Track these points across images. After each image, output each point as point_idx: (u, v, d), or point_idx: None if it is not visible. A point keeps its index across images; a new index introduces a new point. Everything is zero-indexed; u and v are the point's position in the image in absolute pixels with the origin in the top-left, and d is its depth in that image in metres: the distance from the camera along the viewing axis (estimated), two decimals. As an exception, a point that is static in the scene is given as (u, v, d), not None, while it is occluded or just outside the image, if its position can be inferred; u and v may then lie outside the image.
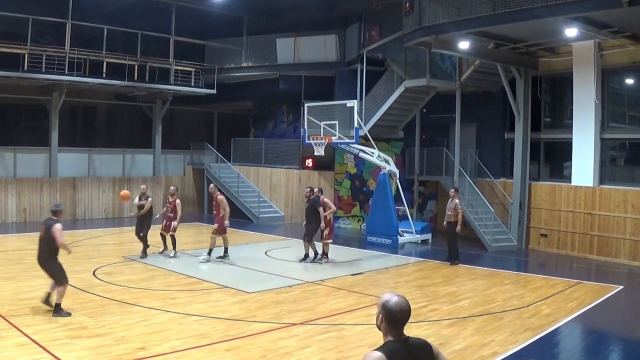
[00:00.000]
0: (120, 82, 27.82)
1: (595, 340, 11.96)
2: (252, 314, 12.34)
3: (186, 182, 34.02)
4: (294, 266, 18.25)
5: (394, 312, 4.22)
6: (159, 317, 11.83)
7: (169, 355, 9.54)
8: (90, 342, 9.98)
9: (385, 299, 4.28)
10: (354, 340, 10.70)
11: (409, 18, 21.35)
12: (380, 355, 4.06)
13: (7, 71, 24.54)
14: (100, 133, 33.79)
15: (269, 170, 31.32)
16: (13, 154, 27.53)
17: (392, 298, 4.27)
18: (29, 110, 30.02)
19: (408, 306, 4.26)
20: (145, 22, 28.88)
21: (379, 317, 4.28)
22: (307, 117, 23.24)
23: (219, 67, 31.11)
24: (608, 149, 21.59)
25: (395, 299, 4.26)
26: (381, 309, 4.26)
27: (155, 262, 17.92)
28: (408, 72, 25.40)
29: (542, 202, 22.83)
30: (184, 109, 35.26)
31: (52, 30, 27.86)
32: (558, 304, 14.00)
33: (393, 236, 22.76)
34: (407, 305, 4.26)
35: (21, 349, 9.48)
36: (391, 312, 4.22)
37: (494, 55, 21.89)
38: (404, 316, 4.24)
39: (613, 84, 21.66)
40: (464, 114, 24.04)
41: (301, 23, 31.28)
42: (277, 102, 34.17)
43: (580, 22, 17.60)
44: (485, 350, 10.26)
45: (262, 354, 9.81)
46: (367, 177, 28.28)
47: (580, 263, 20.28)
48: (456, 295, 14.72)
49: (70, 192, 28.37)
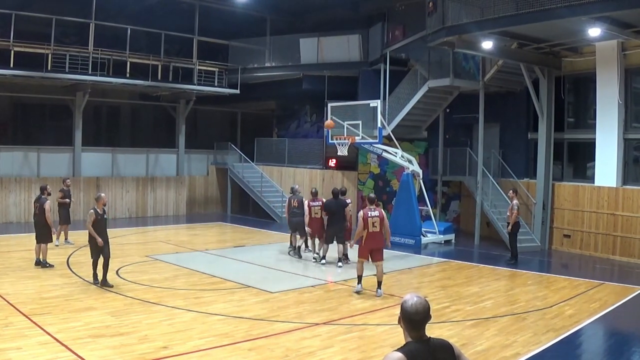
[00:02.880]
0: (143, 82, 27.96)
1: (618, 341, 11.90)
2: (275, 313, 12.38)
3: (210, 182, 34.13)
4: (316, 266, 18.26)
5: (409, 314, 4.25)
6: (182, 316, 11.91)
7: (192, 355, 9.60)
8: (114, 341, 10.06)
9: (404, 300, 4.31)
10: (377, 341, 10.71)
11: (433, 18, 21.28)
12: (400, 356, 4.08)
13: (31, 71, 24.76)
14: (123, 133, 33.99)
15: (292, 170, 31.33)
16: (37, 154, 27.78)
17: (411, 299, 4.29)
18: (52, 110, 30.29)
19: (425, 308, 4.26)
20: (169, 22, 28.98)
21: (399, 317, 4.32)
22: (331, 117, 23.26)
23: (242, 67, 31.15)
24: (631, 149, 21.43)
25: (413, 300, 4.28)
26: (400, 309, 4.30)
27: (179, 262, 18.00)
28: (431, 72, 25.35)
29: (565, 202, 22.71)
30: (208, 109, 35.37)
31: (75, 30, 28.08)
32: (581, 305, 13.93)
33: (416, 236, 22.72)
34: (423, 307, 4.26)
35: (44, 347, 9.58)
36: (407, 313, 4.26)
37: (517, 55, 21.81)
38: (419, 318, 4.24)
39: (636, 84, 21.48)
40: (487, 114, 23.94)
41: (325, 23, 31.24)
42: (300, 102, 34.22)
43: (603, 22, 17.50)
44: (507, 351, 10.23)
45: (285, 353, 9.84)
46: (390, 177, 28.25)
47: (603, 264, 20.16)
48: (479, 296, 14.68)
49: (94, 191, 28.47)
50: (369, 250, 14.29)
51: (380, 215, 14.36)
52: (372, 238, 14.26)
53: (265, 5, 30.43)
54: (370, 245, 14.27)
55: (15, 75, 24.62)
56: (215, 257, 19.22)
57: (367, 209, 14.41)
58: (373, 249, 14.31)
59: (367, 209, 14.41)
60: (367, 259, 14.39)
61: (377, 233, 14.28)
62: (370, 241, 14.26)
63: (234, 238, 23.88)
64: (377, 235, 14.32)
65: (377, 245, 14.35)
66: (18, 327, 10.54)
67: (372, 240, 14.28)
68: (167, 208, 31.50)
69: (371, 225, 14.19)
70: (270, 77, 32.18)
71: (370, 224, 14.18)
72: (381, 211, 14.59)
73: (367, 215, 14.20)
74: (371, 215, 14.23)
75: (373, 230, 14.22)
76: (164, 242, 22.21)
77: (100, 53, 26.29)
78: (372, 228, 14.20)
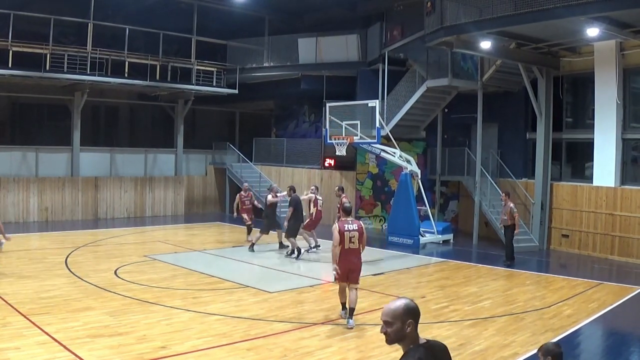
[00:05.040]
0: (142, 82, 27.97)
1: (617, 341, 11.92)
2: (273, 313, 12.38)
3: (208, 182, 34.14)
4: (315, 266, 18.28)
5: (417, 310, 4.25)
6: (181, 316, 11.92)
7: (190, 354, 9.61)
8: (112, 340, 10.07)
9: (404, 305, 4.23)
10: (375, 341, 10.69)
11: (431, 18, 21.28)
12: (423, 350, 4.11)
13: (29, 71, 24.76)
14: (122, 133, 34.00)
15: (290, 170, 31.34)
16: (35, 154, 27.80)
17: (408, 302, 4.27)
18: (51, 109, 30.30)
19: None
20: (167, 22, 28.99)
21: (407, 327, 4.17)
22: (329, 116, 23.32)
23: (240, 67, 31.16)
24: (629, 149, 21.44)
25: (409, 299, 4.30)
26: (407, 316, 4.18)
27: (177, 262, 18.00)
28: (430, 72, 25.33)
29: (563, 202, 22.73)
30: (206, 109, 35.38)
31: (74, 30, 28.09)
32: (579, 305, 13.95)
33: (414, 236, 22.75)
34: None
35: (43, 347, 9.59)
36: (417, 311, 4.25)
37: (516, 55, 21.82)
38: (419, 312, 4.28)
39: (635, 84, 21.49)
40: (485, 114, 23.96)
41: (323, 23, 31.27)
42: (298, 102, 34.22)
43: (601, 22, 17.52)
44: (506, 351, 10.24)
45: (283, 353, 9.86)
46: (388, 177, 28.24)
47: (601, 264, 20.17)
48: (478, 296, 14.69)
49: (92, 191, 28.55)
50: (347, 271, 11.83)
51: (359, 229, 11.94)
52: (348, 256, 11.81)
53: (264, 5, 30.41)
54: (347, 264, 11.81)
55: (13, 75, 24.63)
56: (213, 257, 19.23)
57: (343, 222, 12.01)
58: (350, 269, 11.86)
59: (343, 222, 12.01)
60: (346, 281, 11.96)
61: (355, 250, 11.89)
62: (346, 260, 11.80)
63: (233, 238, 23.85)
64: (355, 254, 11.91)
65: (355, 266, 11.92)
66: (16, 327, 10.54)
67: (349, 258, 11.83)
68: (165, 208, 31.49)
69: (348, 241, 11.75)
70: (269, 77, 32.17)
71: (347, 239, 11.75)
72: (360, 224, 12.10)
73: (343, 229, 11.75)
74: (348, 229, 11.81)
75: (350, 246, 11.78)
76: (162, 242, 22.21)
77: (99, 53, 26.28)
78: (349, 244, 11.76)
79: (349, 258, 11.79)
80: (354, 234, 11.78)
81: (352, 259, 11.83)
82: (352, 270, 11.85)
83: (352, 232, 11.76)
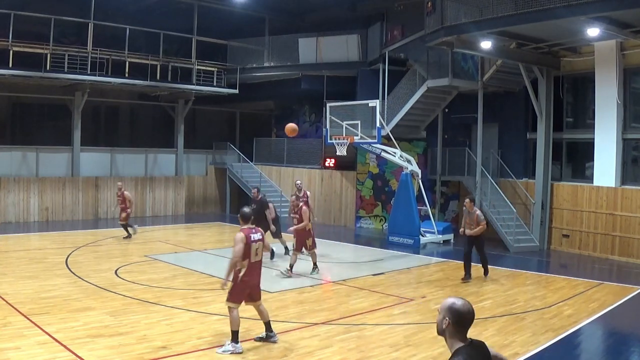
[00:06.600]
0: (142, 82, 27.99)
1: (617, 341, 11.91)
2: (273, 313, 12.32)
3: (208, 182, 34.14)
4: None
5: (462, 314, 4.28)
6: (181, 316, 11.92)
7: (191, 354, 9.61)
8: (112, 340, 10.07)
9: (451, 302, 4.33)
10: (376, 341, 10.68)
11: (431, 18, 21.28)
12: None
13: (30, 71, 24.77)
14: (122, 133, 34.02)
15: (291, 170, 31.37)
16: (35, 154, 27.81)
17: (457, 301, 4.34)
18: (51, 109, 30.27)
19: (473, 308, 4.35)
20: (168, 22, 29.02)
21: (445, 322, 4.30)
22: (329, 116, 23.32)
23: (241, 67, 31.17)
24: (630, 150, 21.44)
25: (461, 301, 4.34)
26: (447, 312, 4.29)
27: (177, 262, 18.00)
28: (430, 72, 25.34)
29: (564, 202, 22.73)
30: (206, 109, 35.37)
31: (74, 30, 28.11)
32: (579, 305, 13.94)
33: (415, 236, 22.75)
34: (471, 306, 4.35)
35: (43, 347, 9.58)
36: (459, 314, 4.28)
37: (516, 55, 21.81)
38: (470, 317, 4.32)
39: (635, 83, 21.48)
40: (486, 113, 23.95)
41: (323, 23, 31.30)
42: (299, 102, 34.26)
43: (602, 22, 17.53)
44: (506, 350, 10.22)
45: (284, 353, 9.86)
46: (389, 177, 28.23)
47: (601, 264, 20.17)
48: (478, 296, 14.67)
49: (93, 191, 28.56)
50: (250, 289, 10.21)
51: (263, 238, 10.37)
52: (254, 270, 10.22)
53: (264, 5, 30.45)
54: (252, 280, 10.23)
55: (14, 75, 24.66)
56: (213, 257, 19.20)
57: (248, 230, 10.21)
58: (254, 286, 10.31)
59: (248, 230, 10.21)
60: (248, 301, 10.30)
61: (259, 263, 10.30)
62: (251, 276, 10.18)
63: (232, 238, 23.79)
64: (259, 267, 10.35)
65: (258, 280, 10.39)
66: (17, 327, 10.54)
67: (254, 273, 10.26)
68: (165, 208, 31.51)
69: (254, 254, 10.09)
70: (269, 77, 32.20)
71: (253, 251, 10.07)
72: (262, 232, 10.50)
73: (250, 239, 10.04)
74: (254, 239, 10.13)
75: (256, 260, 10.19)
76: (162, 242, 22.21)
77: (99, 53, 26.30)
78: (254, 257, 10.12)
79: (254, 273, 10.25)
80: (259, 245, 10.18)
81: (257, 273, 10.30)
82: (256, 286, 10.34)
83: (258, 243, 10.15)
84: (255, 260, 10.11)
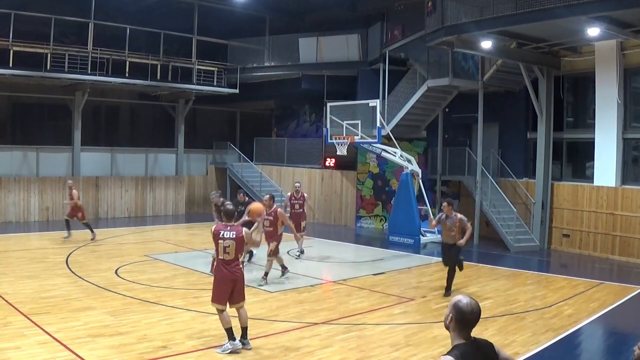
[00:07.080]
0: (143, 81, 27.97)
1: (617, 341, 11.91)
2: (273, 313, 12.38)
3: (209, 182, 34.14)
4: (316, 265, 18.28)
5: (464, 312, 4.31)
6: (181, 315, 11.92)
7: (191, 354, 9.62)
8: (112, 340, 10.07)
9: (457, 299, 4.38)
10: (376, 340, 10.69)
11: (432, 17, 21.28)
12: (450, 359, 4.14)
13: (30, 71, 24.78)
14: (122, 132, 34.02)
15: (291, 170, 31.36)
16: (36, 153, 27.80)
17: (464, 299, 4.38)
18: (51, 109, 30.28)
19: (479, 307, 4.36)
20: (168, 21, 29.01)
21: (449, 317, 4.37)
22: (330, 116, 23.33)
23: (241, 67, 31.16)
24: (630, 149, 21.44)
25: (467, 300, 4.36)
26: (452, 308, 4.36)
27: (177, 261, 18.00)
28: (430, 72, 25.32)
29: (564, 202, 22.72)
30: (207, 109, 35.37)
31: (74, 30, 28.08)
32: (580, 305, 13.94)
33: (415, 236, 22.75)
34: (477, 306, 4.36)
35: (43, 347, 9.58)
36: (461, 312, 4.31)
37: (517, 54, 21.81)
38: (473, 317, 4.33)
39: (635, 83, 21.48)
40: (486, 113, 23.93)
41: (324, 23, 31.29)
42: (299, 102, 34.25)
43: (602, 22, 17.53)
44: (506, 350, 10.09)
45: (284, 353, 9.85)
46: (389, 177, 28.22)
47: (602, 264, 20.17)
48: (478, 296, 14.63)
49: (93, 191, 28.55)
50: (225, 286, 9.77)
51: (237, 236, 9.68)
52: (223, 268, 9.73)
53: (265, 4, 30.43)
54: (222, 278, 9.79)
55: (14, 75, 24.65)
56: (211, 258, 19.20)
57: (223, 226, 9.83)
58: (225, 285, 9.78)
59: (223, 226, 9.83)
60: (225, 303, 9.83)
61: (230, 263, 9.70)
62: (219, 272, 9.81)
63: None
64: (229, 266, 9.73)
65: (231, 280, 9.76)
66: (17, 327, 10.55)
67: (224, 271, 9.74)
68: (166, 208, 31.49)
69: (222, 251, 9.66)
70: (270, 76, 32.20)
71: (221, 248, 9.68)
72: (240, 230, 9.80)
73: (218, 235, 9.71)
74: (224, 237, 9.68)
75: (226, 258, 9.68)
76: (162, 241, 22.22)
77: (100, 53, 26.29)
78: (222, 254, 9.67)
79: (224, 272, 9.74)
80: (230, 243, 9.62)
81: (229, 272, 9.70)
82: (226, 286, 9.76)
83: (228, 241, 9.62)
84: (226, 258, 9.65)
